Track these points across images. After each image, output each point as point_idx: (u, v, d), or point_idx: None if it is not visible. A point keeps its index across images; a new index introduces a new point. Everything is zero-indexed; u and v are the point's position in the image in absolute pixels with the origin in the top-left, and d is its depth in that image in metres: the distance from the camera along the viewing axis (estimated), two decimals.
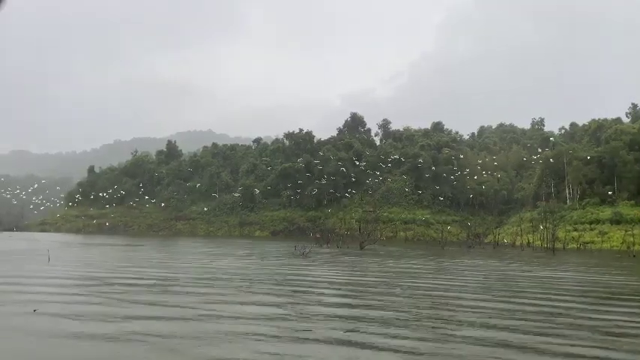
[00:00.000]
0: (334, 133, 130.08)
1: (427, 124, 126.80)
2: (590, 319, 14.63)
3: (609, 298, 19.22)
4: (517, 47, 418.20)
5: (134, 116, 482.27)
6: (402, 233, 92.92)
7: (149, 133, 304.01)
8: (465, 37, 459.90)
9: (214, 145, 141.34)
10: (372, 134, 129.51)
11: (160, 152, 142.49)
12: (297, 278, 24.36)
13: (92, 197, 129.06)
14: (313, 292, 19.47)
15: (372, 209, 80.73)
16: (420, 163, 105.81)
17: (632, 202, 76.20)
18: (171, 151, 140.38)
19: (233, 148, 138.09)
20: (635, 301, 18.70)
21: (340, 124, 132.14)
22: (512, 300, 18.19)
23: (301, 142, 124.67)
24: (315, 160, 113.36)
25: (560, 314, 15.35)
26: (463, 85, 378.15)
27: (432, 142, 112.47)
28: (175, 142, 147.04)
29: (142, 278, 23.42)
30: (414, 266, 33.37)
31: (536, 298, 18.66)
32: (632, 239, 58.76)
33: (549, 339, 11.92)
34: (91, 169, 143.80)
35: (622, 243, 62.85)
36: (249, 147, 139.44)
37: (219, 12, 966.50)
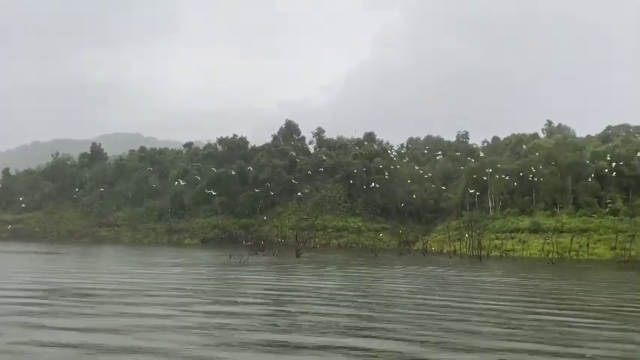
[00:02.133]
0: (269, 139, 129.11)
1: (360, 134, 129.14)
2: (525, 316, 15.40)
3: (536, 298, 20.44)
4: (444, 63, 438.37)
5: (55, 116, 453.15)
6: (334, 241, 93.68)
7: (71, 134, 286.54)
8: (396, 51, 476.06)
9: (142, 148, 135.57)
10: (307, 142, 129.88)
11: (83, 155, 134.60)
12: (248, 286, 23.59)
13: (7, 202, 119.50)
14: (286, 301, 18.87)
15: (306, 217, 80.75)
16: (353, 172, 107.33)
17: (548, 212, 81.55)
18: (95, 154, 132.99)
19: (162, 152, 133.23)
20: (557, 301, 20.74)
21: (275, 130, 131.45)
22: (458, 300, 18.61)
23: (235, 147, 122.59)
24: (249, 167, 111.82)
25: (503, 311, 16.01)
26: (394, 96, 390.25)
27: (365, 152, 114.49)
28: (100, 144, 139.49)
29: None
30: (362, 272, 33.46)
31: (473, 299, 19.43)
32: (549, 248, 62.63)
33: (501, 330, 12.21)
34: (5, 172, 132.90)
35: (540, 251, 67.00)
36: (179, 151, 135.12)
37: (153, 11, 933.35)
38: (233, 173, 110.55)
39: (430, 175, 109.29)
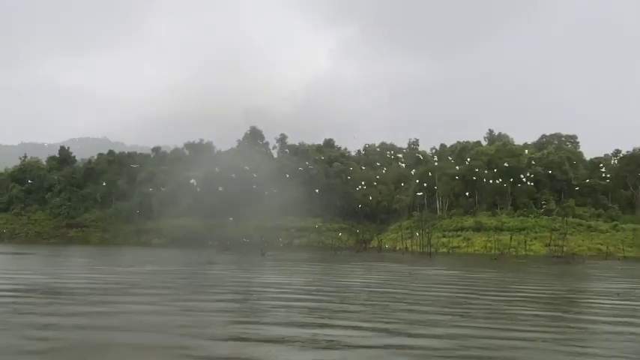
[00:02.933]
0: (235, 144, 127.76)
1: (320, 140, 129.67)
2: (479, 300, 15.90)
3: (483, 288, 21.70)
4: (397, 76, 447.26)
5: (22, 120, 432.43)
6: (296, 240, 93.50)
7: (39, 138, 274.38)
8: (354, 64, 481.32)
9: (111, 152, 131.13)
10: (270, 147, 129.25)
11: (51, 158, 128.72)
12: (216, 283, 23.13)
13: None
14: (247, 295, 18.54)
15: (269, 218, 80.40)
16: (314, 175, 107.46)
17: (490, 212, 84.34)
18: (64, 158, 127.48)
19: (131, 156, 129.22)
20: (501, 290, 21.92)
21: (240, 136, 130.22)
22: (417, 290, 18.94)
23: (201, 152, 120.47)
24: (215, 170, 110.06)
25: (456, 298, 16.46)
26: (352, 105, 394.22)
27: (324, 157, 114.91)
28: (69, 148, 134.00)
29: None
30: (325, 268, 33.46)
31: (430, 289, 20.04)
32: (491, 245, 64.67)
33: (451, 318, 12.51)
34: None
35: (483, 248, 69.11)
36: (147, 155, 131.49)
37: (120, 18, 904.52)
38: (200, 176, 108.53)
39: (384, 178, 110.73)
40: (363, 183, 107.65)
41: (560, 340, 11.86)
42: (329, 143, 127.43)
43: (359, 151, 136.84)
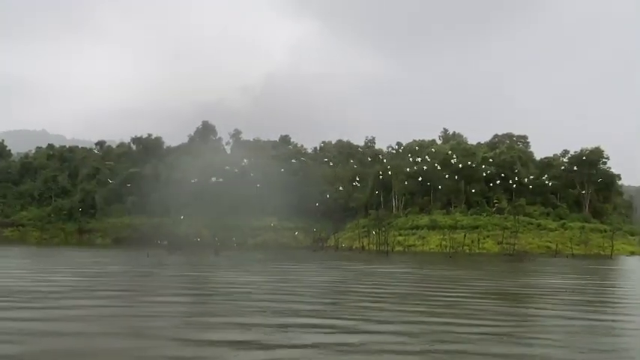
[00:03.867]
0: (185, 139, 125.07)
1: (276, 136, 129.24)
2: (437, 296, 16.90)
3: (442, 284, 23.90)
4: (356, 72, 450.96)
5: None
6: (251, 240, 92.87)
7: None
8: (313, 58, 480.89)
9: (50, 146, 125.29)
10: (224, 143, 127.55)
11: None
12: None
13: None
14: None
15: (223, 217, 79.45)
16: (269, 172, 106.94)
17: (444, 211, 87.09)
18: None
19: (72, 150, 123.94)
20: (459, 285, 23.50)
21: (192, 131, 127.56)
22: (380, 287, 19.42)
23: (150, 147, 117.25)
24: (164, 167, 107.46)
25: (421, 295, 17.10)
26: (309, 101, 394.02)
27: (280, 154, 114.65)
28: (4, 141, 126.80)
29: None
30: (283, 268, 33.47)
31: (391, 286, 20.72)
32: (445, 243, 66.85)
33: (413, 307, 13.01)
34: None
35: (438, 246, 71.32)
36: (90, 150, 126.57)
37: (61, 6, 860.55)
38: (148, 172, 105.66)
39: (341, 176, 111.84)
40: (322, 181, 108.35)
41: (513, 332, 12.63)
42: (285, 139, 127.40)
43: (315, 148, 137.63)
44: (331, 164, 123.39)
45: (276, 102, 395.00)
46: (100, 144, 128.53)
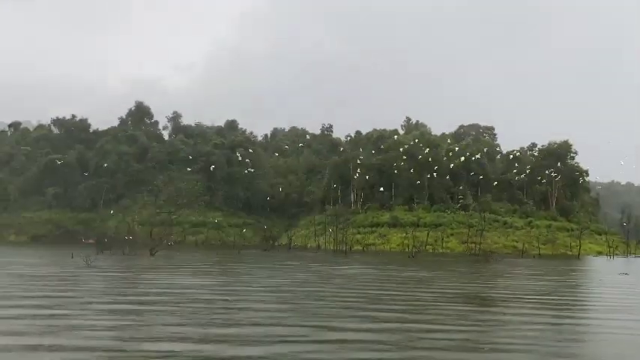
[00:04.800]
0: (116, 122, 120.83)
1: (221, 121, 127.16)
2: (403, 296, 17.59)
3: (408, 285, 24.87)
4: (311, 53, 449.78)
5: None
6: (191, 237, 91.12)
7: None
8: (263, 36, 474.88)
9: None
10: (161, 127, 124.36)
11: None
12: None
13: None
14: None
15: (159, 211, 77.37)
16: (213, 162, 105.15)
17: (406, 207, 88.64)
18: None
19: None
20: (426, 287, 24.50)
21: (123, 112, 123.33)
22: (344, 289, 19.30)
23: (74, 130, 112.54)
24: (91, 153, 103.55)
25: (390, 297, 17.16)
26: (259, 83, 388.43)
27: (226, 141, 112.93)
28: None
29: None
30: (230, 269, 32.77)
31: (355, 289, 20.88)
32: (407, 242, 68.06)
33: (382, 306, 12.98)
34: None
35: (399, 245, 72.54)
36: (2, 132, 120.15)
37: None
38: (72, 160, 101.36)
39: (294, 167, 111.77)
40: (273, 172, 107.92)
41: (478, 339, 13.04)
42: (232, 125, 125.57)
43: (266, 135, 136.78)
44: (283, 154, 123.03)
45: (222, 83, 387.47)
46: (15, 126, 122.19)
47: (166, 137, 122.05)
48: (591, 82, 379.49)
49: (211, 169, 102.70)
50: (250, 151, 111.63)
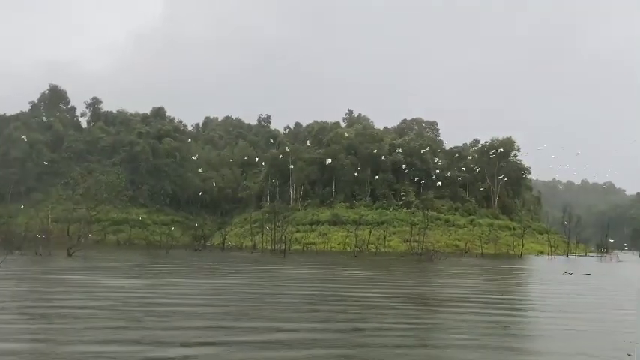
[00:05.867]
0: (26, 107, 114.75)
1: (147, 109, 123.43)
2: (348, 294, 17.58)
3: (354, 285, 25.40)
4: (251, 40, 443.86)
5: None
6: (112, 236, 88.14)
7: None
8: (197, 19, 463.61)
9: None
10: (78, 114, 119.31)
11: None
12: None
13: None
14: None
15: (75, 207, 74.21)
16: (137, 153, 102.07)
17: (348, 204, 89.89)
18: None
19: None
20: (373, 286, 25.21)
21: (35, 97, 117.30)
22: (292, 289, 19.37)
23: None
24: None
25: (338, 296, 17.31)
26: (190, 69, 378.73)
27: (153, 130, 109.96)
28: None
29: None
30: (159, 270, 31.96)
31: (303, 289, 20.94)
32: (349, 240, 69.02)
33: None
34: None
35: (341, 244, 73.45)
36: None
37: None
38: None
39: (229, 161, 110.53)
40: (205, 165, 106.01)
41: (425, 330, 14.19)
42: (159, 113, 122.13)
43: (198, 125, 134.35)
44: (216, 145, 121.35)
45: (149, 67, 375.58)
46: None
47: (84, 125, 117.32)
48: (535, 79, 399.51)
49: (134, 161, 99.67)
50: (179, 141, 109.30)
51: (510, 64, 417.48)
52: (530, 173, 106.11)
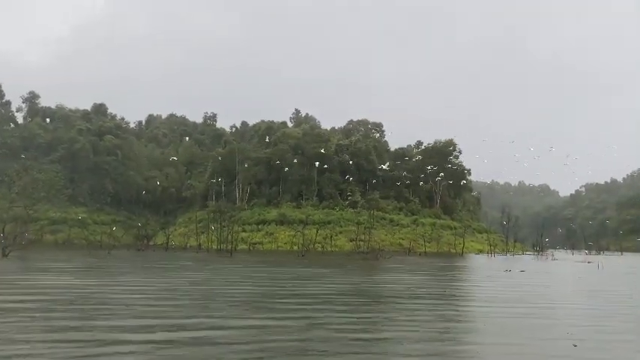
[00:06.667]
0: None
1: (88, 104, 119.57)
2: (299, 291, 17.91)
3: (303, 280, 25.97)
4: (196, 36, 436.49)
5: None
6: (50, 236, 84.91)
7: None
8: (140, 13, 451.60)
9: None
10: (14, 109, 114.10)
11: None
12: None
13: None
14: None
15: (12, 204, 71.05)
16: (77, 150, 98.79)
17: (294, 203, 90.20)
18: None
19: None
20: (320, 281, 24.41)
21: None
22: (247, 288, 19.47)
23: None
24: None
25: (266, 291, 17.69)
26: (134, 65, 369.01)
27: (93, 127, 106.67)
28: None
29: None
30: (106, 271, 31.22)
31: (252, 286, 20.99)
32: (296, 240, 69.36)
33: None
34: None
35: (287, 243, 73.66)
36: None
37: None
38: None
39: (173, 159, 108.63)
40: (147, 164, 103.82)
41: (373, 323, 14.96)
42: (100, 109, 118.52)
43: (140, 122, 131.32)
44: (160, 144, 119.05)
45: (91, 62, 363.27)
46: None
47: (21, 120, 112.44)
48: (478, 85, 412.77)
49: (74, 158, 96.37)
50: (121, 139, 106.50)
51: (453, 69, 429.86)
52: (470, 174, 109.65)
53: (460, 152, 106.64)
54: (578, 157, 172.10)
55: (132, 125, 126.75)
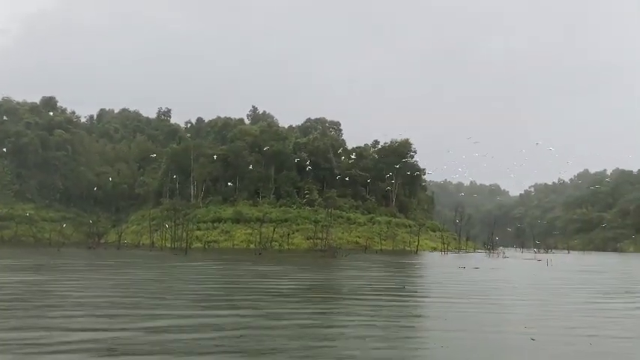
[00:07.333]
0: None
1: (36, 98, 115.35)
2: (257, 287, 17.60)
3: (261, 277, 25.28)
4: (151, 31, 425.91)
5: None
6: None
7: None
8: (95, 7, 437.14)
9: None
10: None
11: None
12: None
13: None
14: None
15: None
16: (25, 145, 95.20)
17: (251, 201, 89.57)
18: None
19: None
20: (277, 277, 24.43)
21: None
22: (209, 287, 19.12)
23: None
24: None
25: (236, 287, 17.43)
26: (86, 58, 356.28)
27: (42, 121, 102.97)
28: None
29: None
30: (63, 271, 30.14)
31: (208, 283, 20.68)
32: (253, 238, 68.95)
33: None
34: None
35: (244, 241, 73.13)
36: None
37: None
38: None
39: (125, 155, 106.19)
40: (98, 159, 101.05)
41: (329, 313, 15.41)
42: (49, 102, 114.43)
43: (91, 117, 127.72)
44: (112, 139, 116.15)
45: (40, 54, 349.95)
46: None
47: None
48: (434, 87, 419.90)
49: (21, 153, 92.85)
50: (72, 133, 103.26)
51: (409, 66, 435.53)
52: (424, 174, 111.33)
53: (415, 152, 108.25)
54: (526, 159, 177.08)
55: (83, 120, 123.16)
